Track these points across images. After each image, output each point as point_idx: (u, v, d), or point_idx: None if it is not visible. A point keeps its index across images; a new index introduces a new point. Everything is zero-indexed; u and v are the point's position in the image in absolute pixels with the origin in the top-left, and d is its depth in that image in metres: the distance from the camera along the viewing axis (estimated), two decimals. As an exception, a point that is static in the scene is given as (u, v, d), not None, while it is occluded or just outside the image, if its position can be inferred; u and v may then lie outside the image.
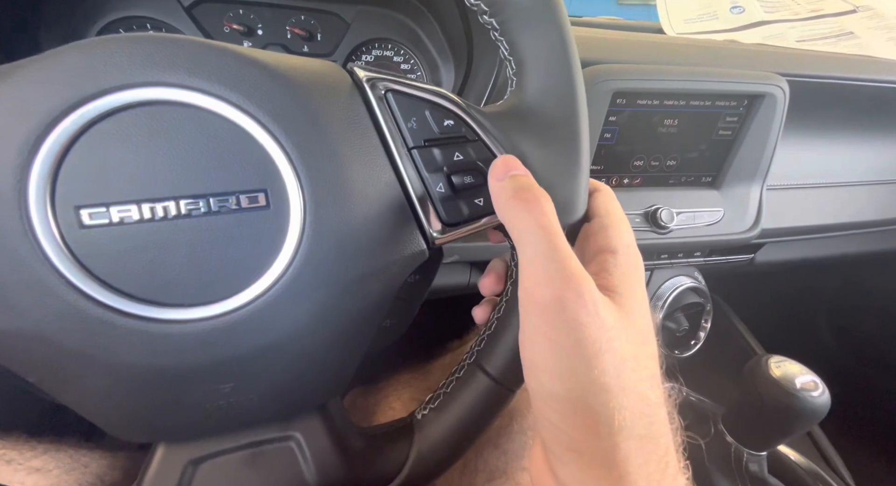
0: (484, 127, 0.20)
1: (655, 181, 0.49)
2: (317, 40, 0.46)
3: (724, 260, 0.57)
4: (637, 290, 0.19)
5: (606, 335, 0.17)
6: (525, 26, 0.19)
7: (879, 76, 0.49)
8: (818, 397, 0.35)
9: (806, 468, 0.42)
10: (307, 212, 0.17)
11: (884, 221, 0.60)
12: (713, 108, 0.45)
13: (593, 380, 0.17)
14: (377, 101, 0.19)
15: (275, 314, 0.17)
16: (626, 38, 0.50)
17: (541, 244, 0.17)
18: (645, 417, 0.17)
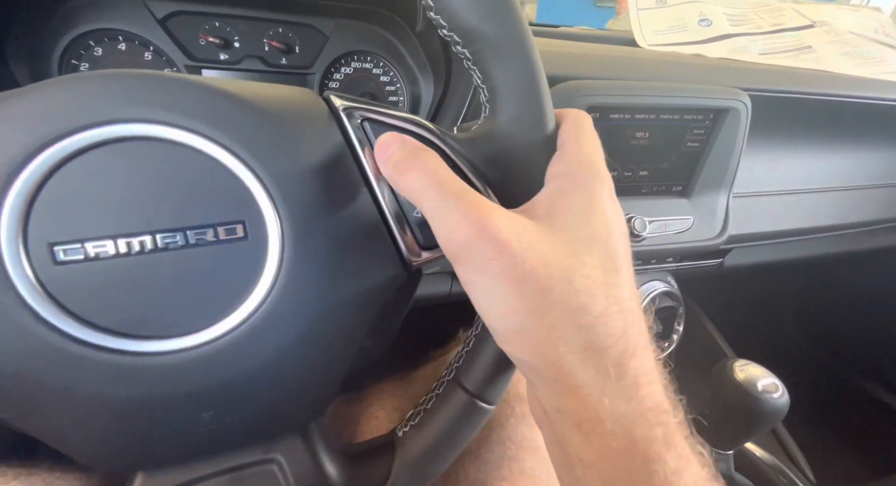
0: (458, 153, 0.21)
1: (629, 191, 0.51)
2: (295, 53, 0.46)
3: (695, 265, 0.60)
4: (571, 203, 0.19)
5: (523, 259, 0.16)
6: (496, 57, 0.20)
7: (832, 91, 0.52)
8: (778, 399, 0.37)
9: (770, 463, 0.45)
10: (285, 242, 0.17)
11: (843, 225, 0.64)
12: (681, 121, 0.47)
13: (523, 307, 0.17)
14: (354, 129, 0.20)
15: (254, 343, 0.17)
16: (601, 53, 0.52)
17: (432, 200, 0.17)
18: (583, 328, 0.17)
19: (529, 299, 0.17)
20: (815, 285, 0.97)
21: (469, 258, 0.17)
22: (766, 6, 0.79)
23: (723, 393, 0.39)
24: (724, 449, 0.42)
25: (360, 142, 0.20)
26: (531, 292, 0.17)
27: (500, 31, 0.20)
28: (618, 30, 0.84)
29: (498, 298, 0.17)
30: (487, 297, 0.18)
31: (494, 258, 0.17)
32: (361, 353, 0.22)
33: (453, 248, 0.17)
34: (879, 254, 0.72)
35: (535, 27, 0.77)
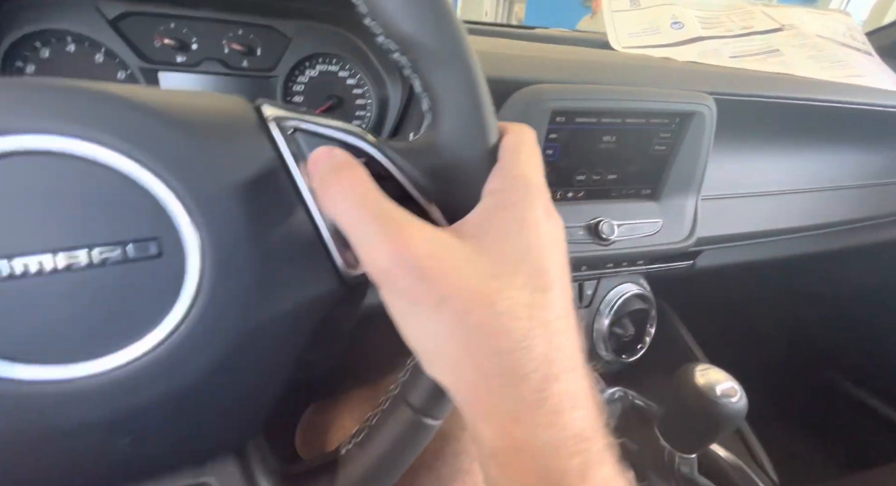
0: (397, 164, 0.20)
1: (598, 194, 0.51)
2: (256, 55, 0.45)
3: (666, 267, 0.60)
4: (502, 221, 0.18)
5: (443, 283, 0.16)
6: (435, 67, 0.20)
7: (794, 94, 0.53)
8: (736, 403, 0.37)
9: (733, 464, 0.45)
10: (206, 258, 0.16)
11: (811, 226, 0.65)
12: (648, 125, 0.47)
13: (441, 332, 0.16)
14: (284, 139, 0.19)
15: (173, 365, 0.16)
16: (568, 56, 0.52)
17: (352, 223, 0.17)
18: (502, 353, 0.16)
19: (447, 324, 0.16)
20: (788, 285, 0.99)
21: (388, 284, 0.17)
22: (737, 9, 0.80)
23: (683, 397, 0.40)
24: (687, 453, 0.43)
25: (293, 154, 0.19)
26: (449, 317, 0.16)
27: (438, 41, 0.19)
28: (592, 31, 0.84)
29: (417, 323, 0.17)
30: (407, 322, 0.17)
31: (413, 284, 0.16)
32: (305, 367, 0.21)
33: (373, 273, 0.17)
34: (847, 254, 0.73)
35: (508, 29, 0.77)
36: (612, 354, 0.59)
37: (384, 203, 0.17)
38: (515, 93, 0.42)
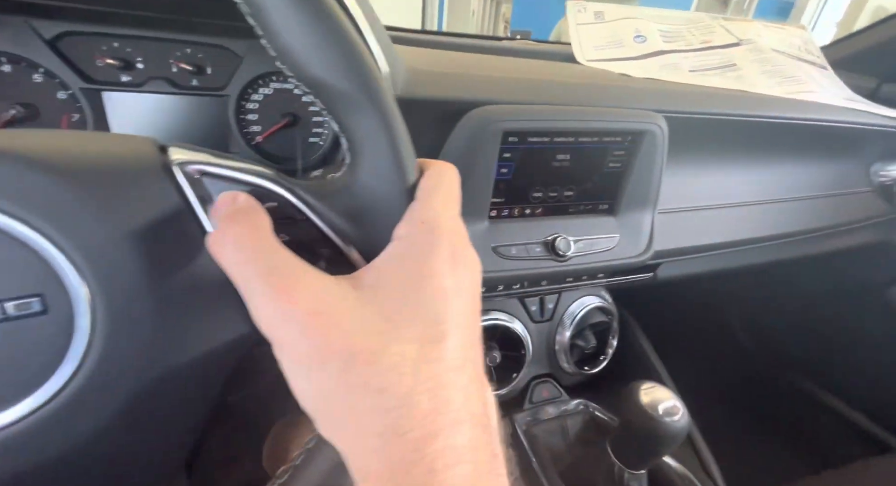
0: (311, 206, 0.20)
1: (556, 210, 0.51)
2: (207, 74, 0.44)
3: (627, 280, 0.61)
4: (402, 270, 0.18)
5: (327, 340, 0.16)
6: (347, 110, 0.20)
7: (742, 111, 0.54)
8: (677, 422, 0.38)
9: (681, 475, 0.46)
10: (97, 312, 0.16)
11: (766, 237, 0.67)
12: (601, 143, 0.48)
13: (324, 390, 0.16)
14: (189, 184, 0.18)
15: (62, 425, 0.16)
16: (524, 74, 0.52)
17: (240, 279, 0.17)
18: (381, 411, 0.16)
19: (329, 382, 0.16)
20: (756, 291, 1.01)
21: (276, 340, 0.17)
22: (699, 23, 0.82)
23: (629, 416, 0.40)
24: (635, 469, 0.43)
25: (200, 198, 0.19)
26: (332, 375, 0.16)
27: (349, 85, 0.19)
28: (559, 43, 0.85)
29: (301, 380, 0.17)
30: (292, 378, 0.17)
31: (296, 342, 0.16)
32: (230, 408, 0.21)
33: (263, 329, 0.17)
34: (804, 262, 0.76)
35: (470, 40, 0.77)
36: (575, 366, 0.60)
37: (275, 255, 0.17)
38: (467, 114, 0.42)
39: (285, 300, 0.16)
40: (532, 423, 0.55)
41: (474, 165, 0.44)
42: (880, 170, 0.74)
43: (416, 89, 0.42)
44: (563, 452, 0.52)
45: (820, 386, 0.96)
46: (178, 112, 0.45)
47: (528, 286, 0.55)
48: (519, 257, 0.49)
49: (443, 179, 0.21)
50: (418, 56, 0.52)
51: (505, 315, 0.57)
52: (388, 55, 0.40)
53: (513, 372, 0.57)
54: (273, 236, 0.18)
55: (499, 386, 0.57)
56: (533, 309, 0.59)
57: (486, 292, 0.54)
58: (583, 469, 0.47)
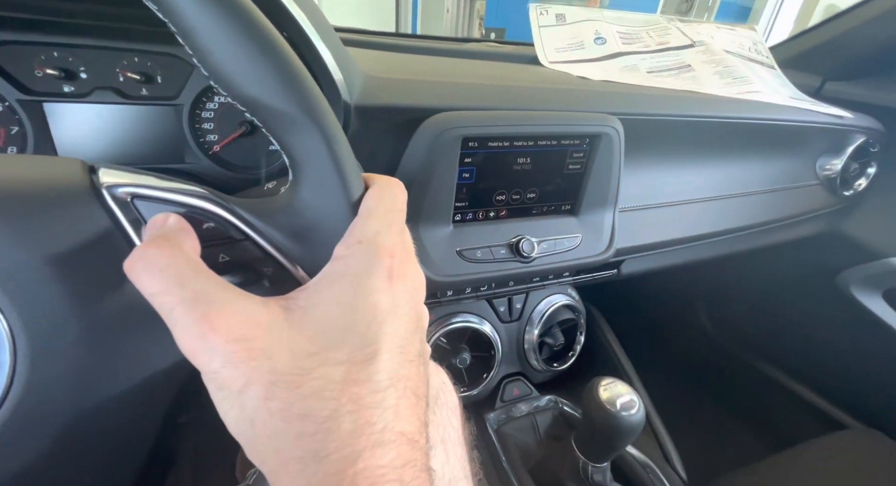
0: (252, 225, 0.20)
1: (520, 212, 0.52)
2: (157, 83, 0.43)
3: (592, 277, 0.63)
4: (335, 292, 0.18)
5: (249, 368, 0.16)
6: (285, 129, 0.20)
7: (696, 112, 0.56)
8: (633, 416, 0.39)
9: (643, 463, 0.48)
10: (18, 345, 0.16)
11: (722, 231, 0.70)
12: (560, 146, 0.49)
13: (245, 418, 0.16)
14: (119, 207, 0.18)
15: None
16: (484, 79, 0.52)
17: (162, 308, 0.16)
18: (303, 436, 0.16)
19: (251, 409, 0.16)
20: (718, 282, 1.06)
21: (199, 368, 0.16)
22: (655, 25, 0.85)
23: (590, 411, 0.42)
24: (598, 462, 0.45)
25: (131, 221, 0.18)
26: (254, 402, 0.16)
27: (285, 104, 0.19)
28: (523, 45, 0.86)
29: (225, 408, 0.17)
30: (219, 406, 0.17)
31: (218, 370, 0.16)
32: (178, 429, 0.21)
33: (187, 357, 0.16)
34: (759, 253, 0.79)
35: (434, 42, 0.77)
36: (544, 364, 0.61)
37: (197, 281, 0.17)
38: (425, 121, 0.43)
39: (206, 328, 0.16)
40: (503, 421, 0.56)
41: (435, 171, 0.44)
42: (825, 164, 0.78)
43: (372, 97, 0.42)
44: (533, 449, 0.53)
45: (778, 369, 1.01)
46: (129, 123, 0.44)
47: (496, 288, 0.56)
48: (484, 259, 0.50)
49: (384, 195, 0.22)
50: (376, 61, 0.52)
51: (474, 317, 0.57)
52: (341, 62, 0.40)
53: (483, 372, 0.58)
54: (197, 260, 0.17)
55: (470, 387, 0.57)
56: (501, 310, 0.59)
57: (454, 294, 0.55)
58: (551, 465, 0.48)
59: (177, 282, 0.16)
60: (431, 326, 0.55)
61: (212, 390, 0.17)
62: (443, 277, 0.47)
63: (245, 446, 0.17)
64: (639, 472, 0.49)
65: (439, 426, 0.33)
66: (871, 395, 0.87)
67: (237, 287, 0.17)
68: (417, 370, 0.20)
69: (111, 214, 0.18)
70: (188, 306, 0.16)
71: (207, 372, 0.16)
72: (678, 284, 1.09)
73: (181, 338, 0.16)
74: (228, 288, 0.17)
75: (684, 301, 1.13)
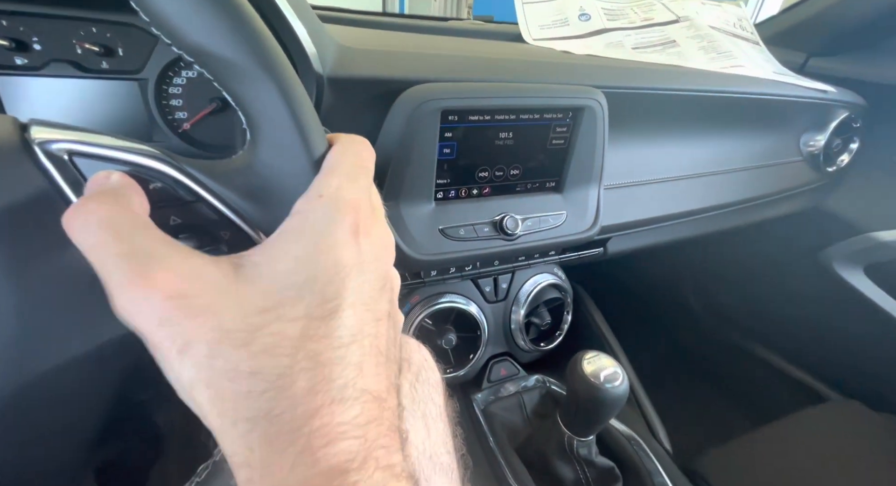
0: (205, 185, 0.19)
1: (503, 189, 0.51)
2: (118, 55, 0.41)
3: (578, 255, 0.62)
4: (291, 247, 0.17)
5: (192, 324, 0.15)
6: (238, 81, 0.18)
7: (680, 85, 0.55)
8: (617, 388, 0.39)
9: (628, 436, 0.49)
10: None
11: (708, 208, 0.70)
12: (542, 120, 0.48)
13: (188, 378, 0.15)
14: (55, 165, 0.17)
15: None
16: (466, 52, 0.51)
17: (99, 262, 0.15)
18: (252, 395, 0.15)
19: (195, 369, 0.15)
20: (704, 260, 1.06)
21: (138, 330, 0.15)
22: (640, 1, 0.84)
23: (573, 385, 0.42)
24: (583, 436, 0.45)
25: (70, 181, 0.17)
26: (197, 362, 0.15)
27: (235, 52, 0.18)
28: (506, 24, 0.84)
29: (168, 370, 0.16)
30: (164, 368, 0.16)
31: (155, 329, 0.15)
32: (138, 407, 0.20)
33: (123, 319, 0.15)
34: (744, 230, 0.80)
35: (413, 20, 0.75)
36: (531, 343, 0.61)
37: (138, 236, 0.15)
38: (402, 93, 0.41)
39: (143, 284, 0.15)
40: (490, 401, 0.56)
41: (414, 146, 0.43)
42: (809, 140, 0.78)
43: (346, 68, 0.40)
44: (520, 427, 0.53)
45: (762, 345, 1.02)
46: (90, 99, 0.41)
47: (481, 267, 0.56)
48: (468, 237, 0.49)
49: (347, 151, 0.20)
50: (354, 35, 0.50)
51: (459, 297, 0.57)
52: (313, 34, 0.38)
53: (470, 353, 0.58)
54: (142, 216, 0.16)
55: (456, 368, 0.57)
56: (487, 290, 0.59)
57: (438, 274, 0.54)
58: (538, 442, 0.48)
59: (115, 236, 0.15)
60: (416, 307, 0.55)
61: (154, 353, 0.16)
62: (425, 256, 0.46)
63: (193, 408, 0.16)
64: (624, 445, 0.49)
65: (420, 402, 0.32)
66: (852, 368, 0.89)
67: (185, 246, 0.16)
68: (386, 330, 0.19)
69: (46, 173, 0.17)
70: (125, 260, 0.15)
71: (145, 333, 0.15)
72: (664, 264, 1.09)
73: (115, 295, 0.15)
74: (173, 245, 0.16)
75: (670, 281, 1.13)
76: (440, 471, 0.30)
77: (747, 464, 0.61)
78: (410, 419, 0.30)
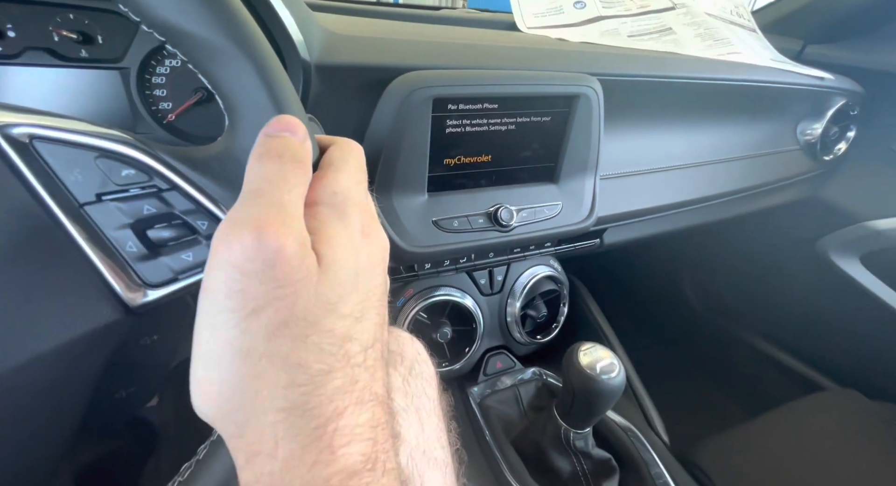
0: (182, 174, 0.18)
1: (498, 180, 0.50)
2: (97, 43, 0.39)
3: (574, 247, 0.62)
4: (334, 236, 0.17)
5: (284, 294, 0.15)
6: (212, 61, 0.17)
7: (677, 73, 0.55)
8: (614, 379, 0.39)
9: (625, 428, 0.48)
10: None
11: (705, 198, 0.69)
12: (537, 108, 0.47)
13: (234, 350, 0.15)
14: (18, 153, 0.16)
15: None
16: (459, 39, 0.50)
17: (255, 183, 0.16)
18: (290, 387, 0.15)
19: (250, 339, 0.15)
20: (701, 251, 1.06)
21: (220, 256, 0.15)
22: (636, -12, 0.82)
23: (570, 376, 0.41)
24: (580, 428, 0.44)
25: (30, 169, 0.16)
26: (257, 332, 0.15)
27: (208, 30, 0.17)
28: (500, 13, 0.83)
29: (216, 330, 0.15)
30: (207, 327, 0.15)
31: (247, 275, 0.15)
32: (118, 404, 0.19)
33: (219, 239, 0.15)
34: (742, 220, 0.79)
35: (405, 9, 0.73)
36: (527, 336, 0.61)
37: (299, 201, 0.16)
38: (393, 81, 0.40)
39: (274, 222, 0.15)
40: (487, 394, 0.55)
41: (406, 136, 0.42)
42: (806, 128, 0.78)
43: (334, 55, 0.39)
44: (517, 420, 0.52)
45: (758, 335, 1.02)
46: (70, 89, 0.40)
47: (476, 259, 0.55)
48: (462, 229, 0.48)
49: (351, 151, 0.20)
50: (343, 23, 0.49)
51: (454, 290, 0.56)
52: (300, 21, 0.37)
53: (465, 347, 0.57)
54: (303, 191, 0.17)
55: (452, 362, 0.56)
56: (482, 282, 0.58)
57: (432, 267, 0.53)
58: (535, 435, 0.48)
59: (285, 178, 0.16)
60: (411, 300, 0.54)
61: (210, 306, 0.15)
62: (419, 248, 0.45)
63: (214, 383, 0.15)
64: (621, 437, 0.49)
65: (414, 396, 0.32)
66: (848, 357, 0.89)
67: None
68: (385, 335, 0.19)
69: (5, 157, 0.16)
70: (274, 198, 0.15)
71: (229, 267, 0.15)
72: (660, 256, 1.09)
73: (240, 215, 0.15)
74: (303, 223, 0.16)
75: (667, 273, 1.13)
76: (434, 466, 0.30)
77: (744, 454, 0.60)
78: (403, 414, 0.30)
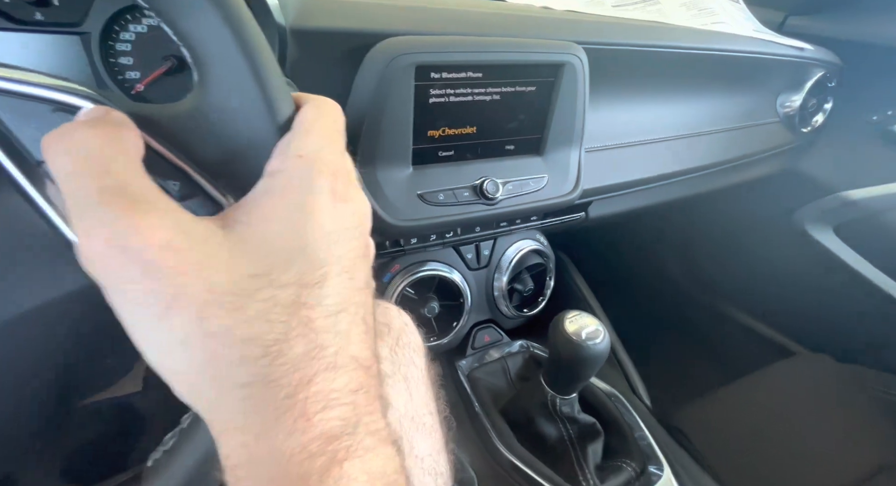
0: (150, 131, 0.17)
1: (483, 153, 0.50)
2: (53, 5, 0.37)
3: (560, 220, 0.62)
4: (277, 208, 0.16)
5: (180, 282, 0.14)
6: (176, 11, 0.16)
7: (660, 42, 0.54)
8: (598, 345, 0.40)
9: (609, 393, 0.50)
10: None
11: (688, 170, 0.70)
12: (522, 77, 0.46)
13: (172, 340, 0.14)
14: None
15: None
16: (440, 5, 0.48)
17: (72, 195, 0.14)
18: (247, 361, 0.14)
19: (181, 333, 0.14)
20: (683, 227, 1.08)
21: (111, 281, 0.14)
22: (621, -43, 0.80)
23: (556, 343, 0.42)
24: (566, 394, 0.46)
25: None
26: (185, 324, 0.14)
27: None
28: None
29: (143, 331, 0.14)
30: (135, 329, 0.15)
31: (135, 281, 0.13)
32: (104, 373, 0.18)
33: (90, 265, 0.14)
34: (723, 194, 0.80)
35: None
36: (514, 310, 0.61)
37: (129, 174, 0.14)
38: (373, 48, 0.39)
39: (127, 227, 0.13)
40: (475, 367, 0.56)
41: (387, 105, 0.41)
42: (785, 101, 0.78)
43: (311, 19, 0.37)
44: (505, 390, 0.54)
45: (736, 305, 1.06)
46: (26, 57, 0.37)
47: (462, 233, 0.55)
48: (447, 202, 0.47)
49: (324, 112, 0.19)
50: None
51: (441, 265, 0.56)
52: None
53: (453, 321, 0.57)
54: (136, 159, 0.15)
55: (440, 336, 0.57)
56: (469, 257, 0.58)
57: (419, 242, 0.53)
58: (522, 402, 0.49)
59: (103, 168, 0.14)
60: (397, 276, 0.54)
61: (125, 310, 0.14)
62: (404, 221, 0.45)
63: (173, 378, 0.15)
64: (605, 402, 0.50)
65: (402, 365, 0.32)
66: (819, 323, 0.93)
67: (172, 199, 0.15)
68: (367, 299, 0.19)
69: None
70: (110, 195, 0.13)
71: (122, 285, 0.14)
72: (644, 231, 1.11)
73: (92, 234, 0.13)
74: (162, 195, 0.15)
75: (650, 247, 1.15)
76: (423, 431, 0.30)
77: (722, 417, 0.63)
78: (392, 383, 0.30)
